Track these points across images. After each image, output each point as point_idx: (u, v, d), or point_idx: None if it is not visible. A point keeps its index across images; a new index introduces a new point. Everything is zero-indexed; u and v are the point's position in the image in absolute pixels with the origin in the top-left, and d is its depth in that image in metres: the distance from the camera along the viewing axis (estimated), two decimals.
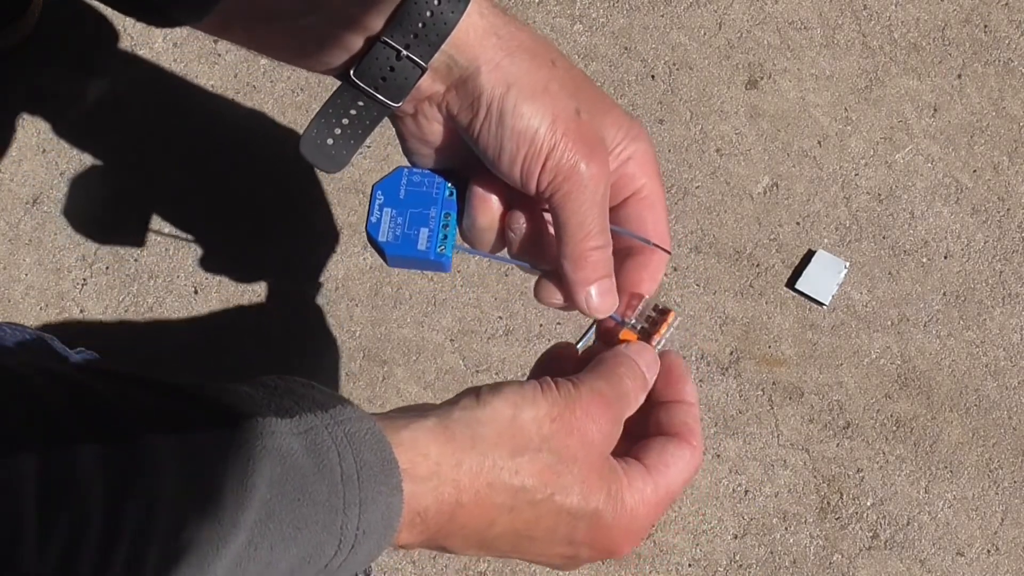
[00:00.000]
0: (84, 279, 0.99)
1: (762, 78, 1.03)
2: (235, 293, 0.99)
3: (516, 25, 0.56)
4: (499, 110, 0.55)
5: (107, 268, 0.99)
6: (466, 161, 0.57)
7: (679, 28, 1.04)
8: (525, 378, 0.54)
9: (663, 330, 0.56)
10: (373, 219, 0.57)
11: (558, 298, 0.58)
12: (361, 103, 0.57)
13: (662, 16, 1.05)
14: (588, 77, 0.58)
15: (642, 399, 0.54)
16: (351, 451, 0.44)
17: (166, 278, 0.99)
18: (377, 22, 0.54)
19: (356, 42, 0.55)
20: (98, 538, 0.37)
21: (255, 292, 0.99)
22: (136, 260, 0.99)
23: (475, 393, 0.49)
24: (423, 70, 0.55)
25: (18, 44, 1.01)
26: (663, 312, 0.55)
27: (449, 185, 0.57)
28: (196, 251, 1.00)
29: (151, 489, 0.39)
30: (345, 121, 0.58)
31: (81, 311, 0.98)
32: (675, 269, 0.99)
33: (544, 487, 0.49)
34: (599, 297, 0.57)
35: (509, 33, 0.56)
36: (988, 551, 0.95)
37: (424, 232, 0.56)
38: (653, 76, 1.03)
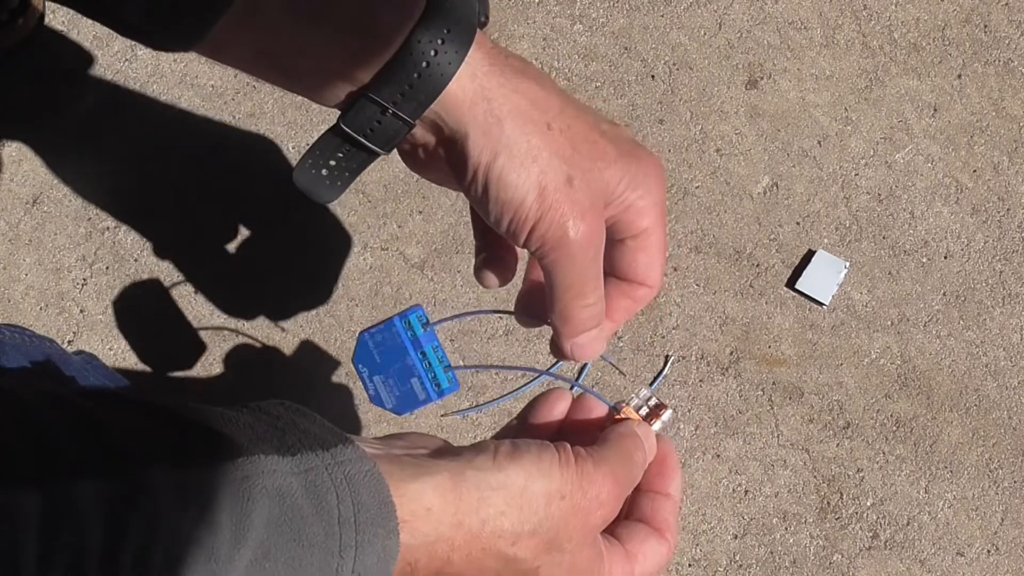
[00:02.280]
0: (84, 279, 0.99)
1: (762, 78, 1.03)
2: (235, 294, 0.99)
3: (512, 84, 0.55)
4: (485, 178, 0.55)
5: (107, 268, 0.99)
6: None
7: (679, 28, 1.04)
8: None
9: (655, 423, 0.57)
10: (371, 392, 0.58)
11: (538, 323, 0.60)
12: (348, 148, 0.57)
13: (662, 16, 1.05)
14: (593, 127, 0.57)
15: (642, 473, 0.55)
16: (349, 493, 0.44)
17: (166, 278, 0.99)
18: (364, 76, 0.54)
19: (343, 91, 0.54)
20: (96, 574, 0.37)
21: (255, 292, 0.99)
22: (136, 260, 0.99)
23: (492, 453, 0.49)
24: (411, 127, 0.55)
25: (18, 44, 1.01)
26: (659, 407, 0.57)
27: (407, 324, 0.58)
28: (196, 251, 1.00)
29: (149, 527, 0.39)
30: (332, 163, 0.58)
31: (81, 311, 0.98)
32: (675, 269, 0.99)
33: (535, 560, 0.49)
34: (583, 348, 0.57)
35: (502, 96, 0.55)
36: (988, 551, 0.95)
37: (416, 383, 0.58)
38: (653, 76, 1.03)
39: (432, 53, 0.53)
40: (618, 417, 0.57)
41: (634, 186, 0.58)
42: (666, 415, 0.57)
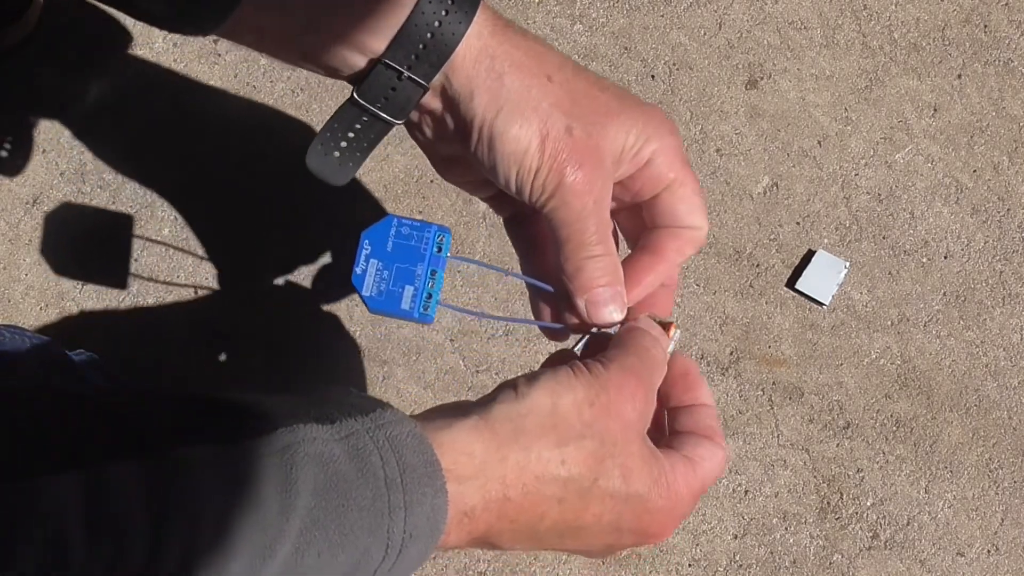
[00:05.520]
0: (84, 279, 0.99)
1: (762, 78, 1.03)
2: (235, 293, 0.99)
3: (513, 42, 0.57)
4: (489, 134, 0.56)
5: (107, 268, 0.99)
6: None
7: (679, 28, 1.04)
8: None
9: (665, 342, 0.56)
10: (359, 270, 0.56)
11: (548, 316, 0.60)
12: (365, 119, 0.58)
13: (662, 16, 1.05)
14: (594, 83, 0.58)
15: (665, 368, 0.54)
16: (393, 454, 0.44)
17: (166, 278, 0.99)
18: (379, 44, 0.55)
19: (359, 62, 0.56)
20: (145, 554, 0.37)
21: (255, 292, 0.99)
22: (136, 260, 0.99)
23: (512, 386, 0.49)
24: (425, 89, 0.56)
25: (18, 44, 1.01)
26: (665, 326, 0.56)
27: (439, 239, 0.57)
28: (196, 251, 1.00)
29: (193, 501, 0.39)
30: (351, 135, 0.59)
31: (81, 311, 0.98)
32: None
33: (591, 473, 0.49)
34: (597, 307, 0.57)
35: (504, 52, 0.56)
36: (988, 551, 0.95)
37: (409, 290, 0.56)
38: (653, 76, 1.03)
39: (443, 13, 0.55)
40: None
41: (645, 138, 0.58)
42: (676, 333, 0.56)
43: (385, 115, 0.57)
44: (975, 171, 1.02)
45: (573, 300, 0.57)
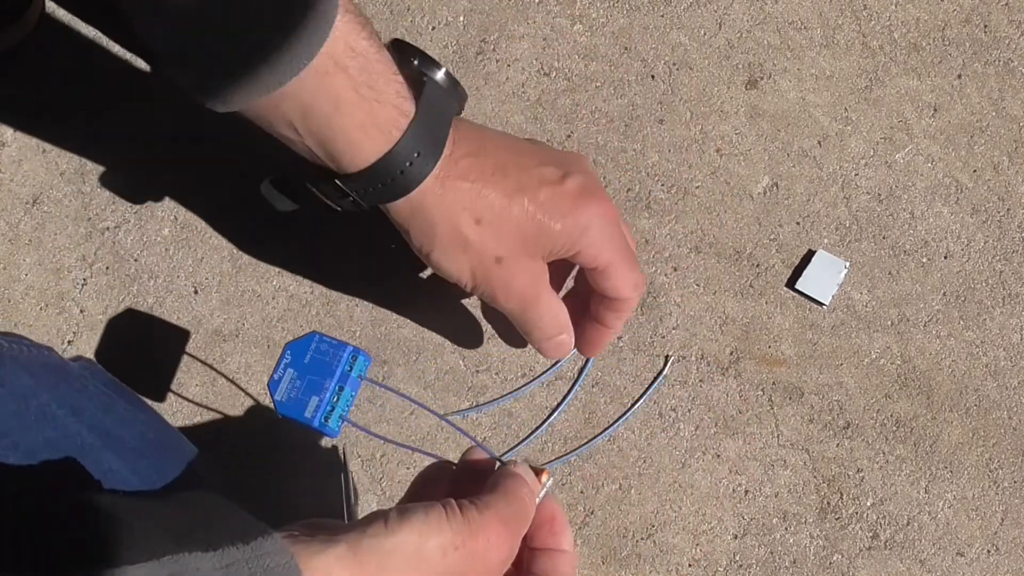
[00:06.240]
0: (84, 279, 0.99)
1: (762, 78, 1.03)
2: (235, 293, 0.99)
3: (456, 185, 0.69)
4: (427, 259, 0.71)
5: (107, 268, 0.99)
6: None
7: (679, 28, 1.04)
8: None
9: (536, 489, 0.59)
10: (276, 376, 0.62)
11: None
12: (308, 192, 0.74)
13: (662, 16, 1.05)
14: (525, 210, 0.70)
15: (533, 515, 0.58)
16: None
17: (166, 278, 0.99)
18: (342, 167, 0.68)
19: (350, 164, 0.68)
20: None
21: (255, 292, 0.99)
22: (136, 260, 0.99)
23: (383, 518, 0.51)
24: (362, 209, 0.71)
25: (18, 44, 1.01)
26: (537, 472, 0.60)
27: (352, 360, 0.63)
28: (196, 251, 1.00)
29: None
30: (297, 193, 0.79)
31: (81, 311, 0.98)
32: (675, 269, 0.99)
33: None
34: (550, 350, 0.78)
35: (442, 197, 0.69)
36: (988, 551, 0.95)
37: (315, 400, 0.61)
38: (653, 76, 1.03)
39: (408, 164, 0.67)
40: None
41: (575, 240, 0.71)
42: (548, 480, 0.60)
43: (330, 203, 0.73)
44: (975, 171, 1.02)
45: (534, 346, 0.77)
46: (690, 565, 0.94)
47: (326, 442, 0.95)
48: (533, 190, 0.70)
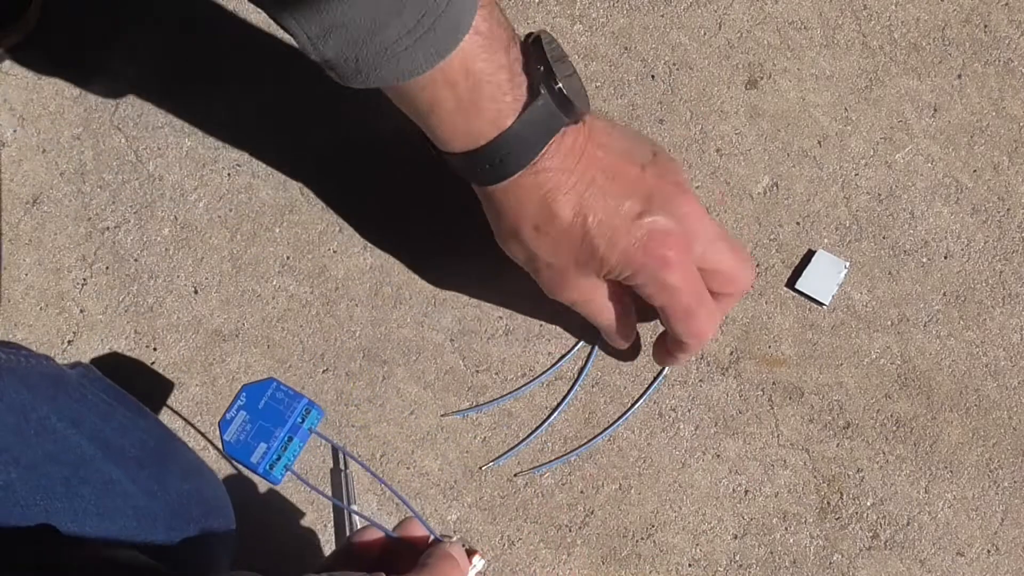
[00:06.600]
0: (84, 279, 0.99)
1: (762, 78, 1.03)
2: (235, 293, 0.99)
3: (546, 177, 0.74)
4: (494, 234, 0.83)
5: (107, 268, 0.99)
6: None
7: (679, 28, 1.04)
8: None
9: (467, 569, 0.61)
10: (228, 416, 0.63)
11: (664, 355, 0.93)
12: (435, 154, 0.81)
13: (662, 16, 1.05)
14: (586, 233, 0.77)
15: None
16: None
17: (166, 278, 0.99)
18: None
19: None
20: None
21: (255, 292, 0.99)
22: (136, 260, 0.99)
23: None
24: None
25: (18, 44, 1.01)
26: (469, 552, 0.61)
27: (305, 412, 0.63)
28: (196, 251, 1.00)
29: None
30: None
31: (81, 311, 0.98)
32: None
33: None
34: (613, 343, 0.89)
35: (503, 198, 0.75)
36: (988, 551, 0.95)
37: (263, 447, 0.62)
38: (653, 76, 1.03)
39: (488, 166, 0.73)
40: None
41: (628, 278, 0.77)
42: (479, 562, 0.61)
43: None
44: (975, 171, 1.02)
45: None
46: (690, 565, 0.94)
47: (326, 442, 0.95)
48: (601, 217, 0.73)
